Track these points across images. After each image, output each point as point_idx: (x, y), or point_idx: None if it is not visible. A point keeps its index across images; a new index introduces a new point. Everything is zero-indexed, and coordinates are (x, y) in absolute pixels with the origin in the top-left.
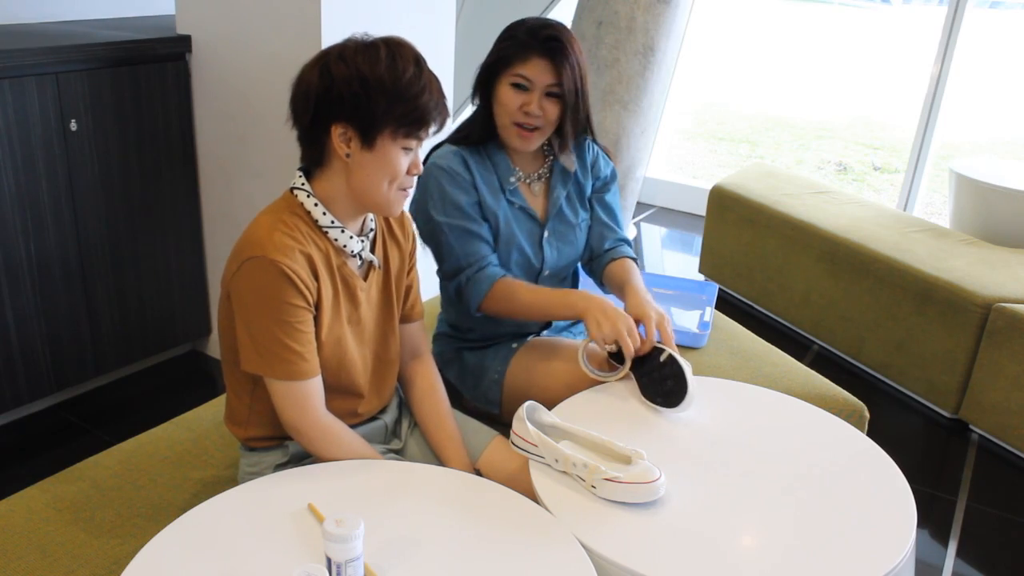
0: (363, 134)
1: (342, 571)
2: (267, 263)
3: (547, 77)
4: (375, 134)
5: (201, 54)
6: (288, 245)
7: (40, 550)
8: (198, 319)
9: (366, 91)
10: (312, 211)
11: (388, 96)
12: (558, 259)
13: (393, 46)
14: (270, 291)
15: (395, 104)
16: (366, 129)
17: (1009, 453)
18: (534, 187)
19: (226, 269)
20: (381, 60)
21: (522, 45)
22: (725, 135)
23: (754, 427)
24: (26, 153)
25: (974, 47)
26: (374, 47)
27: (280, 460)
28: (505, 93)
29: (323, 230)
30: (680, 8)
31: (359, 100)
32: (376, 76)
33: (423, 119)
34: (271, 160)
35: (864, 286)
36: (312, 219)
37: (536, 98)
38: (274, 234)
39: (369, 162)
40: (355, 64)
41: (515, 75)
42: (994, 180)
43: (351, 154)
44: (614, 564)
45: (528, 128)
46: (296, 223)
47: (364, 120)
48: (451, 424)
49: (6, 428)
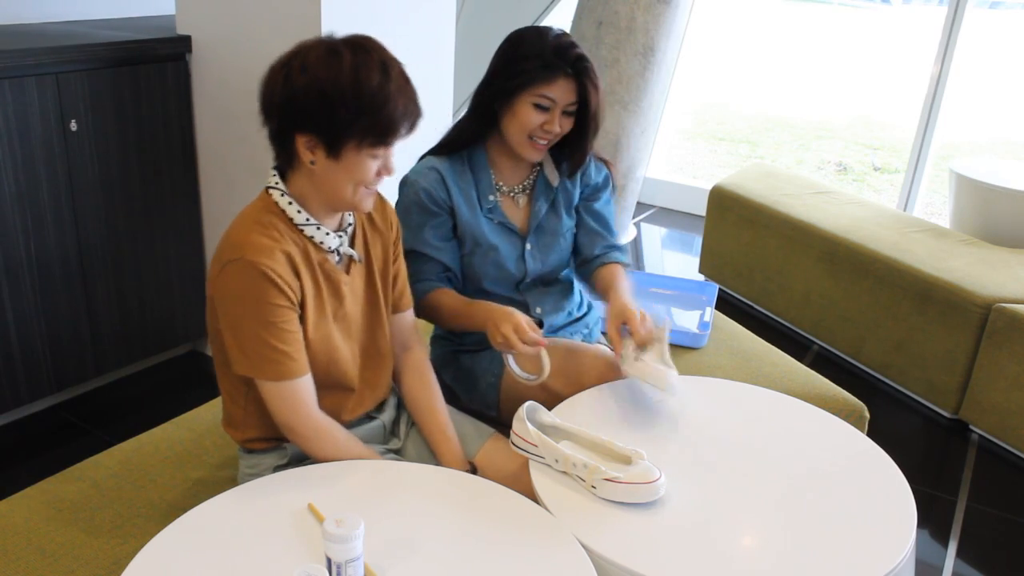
0: (328, 145)
1: (342, 571)
2: (247, 265)
3: (570, 96)
4: (340, 146)
5: (201, 54)
6: (267, 245)
7: (40, 550)
8: (198, 319)
9: (328, 103)
10: (287, 210)
11: (351, 108)
12: (541, 268)
13: (359, 52)
14: (252, 293)
15: (359, 116)
16: (330, 141)
17: (1009, 453)
18: (518, 200)
19: (209, 272)
20: (344, 70)
21: (549, 66)
22: (725, 135)
23: (754, 427)
24: (26, 153)
25: (974, 47)
26: (336, 55)
27: (279, 462)
28: (526, 112)
29: (300, 228)
30: (680, 8)
31: (321, 112)
32: (338, 87)
33: (389, 129)
34: (271, 160)
35: (864, 286)
36: (288, 217)
37: (556, 116)
38: (252, 235)
39: (335, 170)
40: (316, 74)
41: (539, 95)
42: (994, 180)
43: (316, 162)
44: (614, 564)
45: (543, 142)
46: (273, 221)
47: (328, 132)
48: (443, 417)
49: (6, 428)
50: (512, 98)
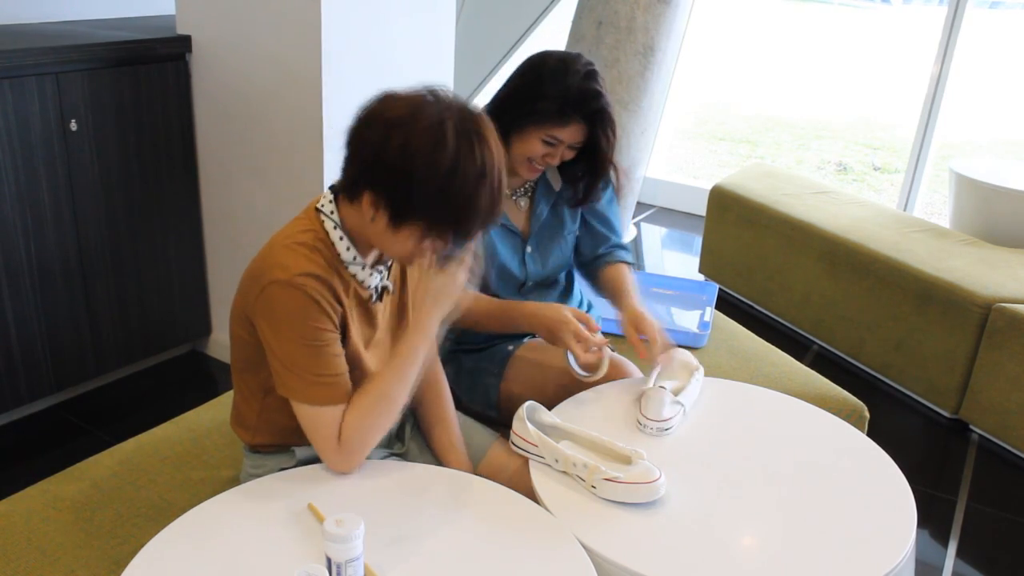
0: (392, 216)
1: (342, 571)
2: (293, 288)
3: (579, 136)
4: (404, 222)
5: (201, 54)
6: (313, 271)
7: (40, 550)
8: (198, 319)
9: (409, 185)
10: (336, 245)
11: (432, 200)
12: (542, 270)
13: (463, 139)
14: (299, 315)
15: (437, 212)
16: (397, 215)
17: (1009, 453)
18: (520, 202)
19: (245, 290)
20: (443, 163)
21: (565, 113)
22: (725, 135)
23: (754, 427)
24: (26, 153)
25: (974, 47)
26: (441, 137)
27: (285, 464)
28: (533, 144)
29: (345, 264)
30: (680, 8)
31: (400, 189)
32: (428, 177)
33: (460, 236)
34: (271, 160)
35: (864, 286)
36: (335, 252)
37: (560, 152)
38: (300, 260)
39: (390, 238)
40: (412, 154)
41: (550, 135)
42: (994, 180)
43: (375, 220)
44: (614, 564)
45: (541, 167)
46: (319, 248)
47: (398, 206)
48: (453, 428)
49: (6, 428)
50: (522, 127)
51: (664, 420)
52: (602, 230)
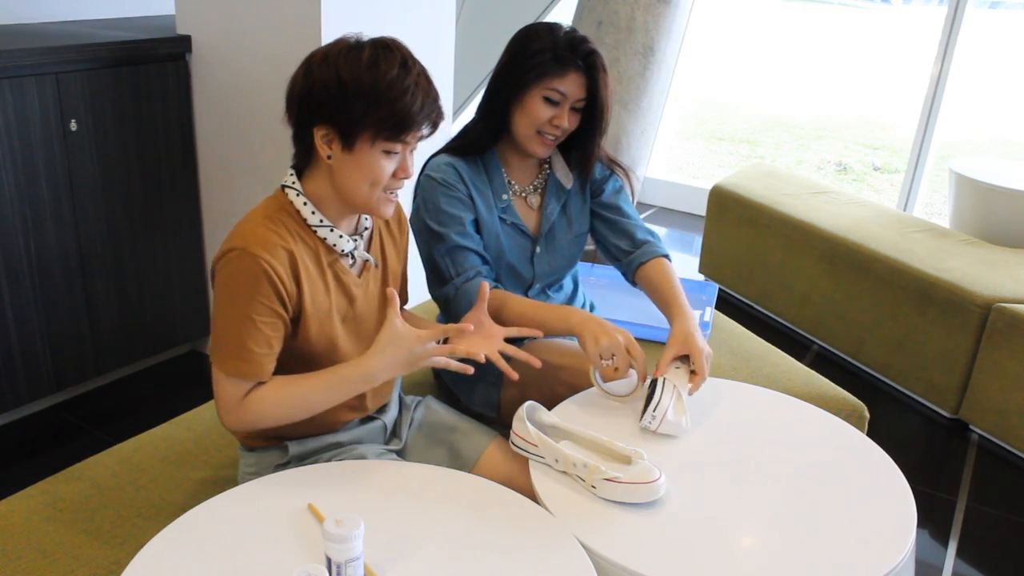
0: (343, 137)
1: (342, 571)
2: (247, 256)
3: (580, 91)
4: (354, 138)
5: (201, 54)
6: (272, 241)
7: (40, 550)
8: (198, 319)
9: (343, 93)
10: (301, 210)
11: (366, 99)
12: (549, 272)
13: (380, 47)
14: (245, 284)
15: (374, 107)
16: (345, 132)
17: (1009, 453)
18: (531, 200)
19: (213, 261)
20: (363, 61)
21: (561, 60)
22: (725, 135)
23: (754, 427)
24: (26, 153)
25: (974, 47)
26: (358, 48)
27: (279, 460)
28: (536, 105)
29: (312, 229)
30: (680, 8)
31: (337, 102)
32: (355, 78)
33: (405, 123)
34: (271, 160)
35: (864, 286)
36: (301, 218)
37: (565, 111)
38: (258, 229)
39: (350, 165)
40: (336, 66)
41: (550, 89)
42: (994, 180)
43: (332, 156)
44: (614, 564)
45: (552, 137)
46: (284, 220)
47: (343, 123)
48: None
49: (6, 428)
50: (523, 92)
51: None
52: (623, 223)
